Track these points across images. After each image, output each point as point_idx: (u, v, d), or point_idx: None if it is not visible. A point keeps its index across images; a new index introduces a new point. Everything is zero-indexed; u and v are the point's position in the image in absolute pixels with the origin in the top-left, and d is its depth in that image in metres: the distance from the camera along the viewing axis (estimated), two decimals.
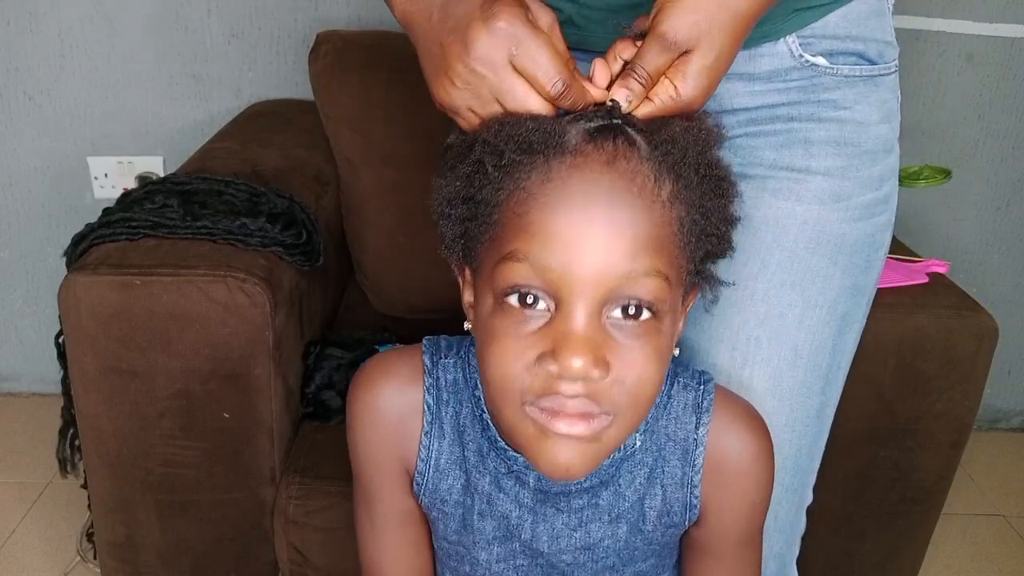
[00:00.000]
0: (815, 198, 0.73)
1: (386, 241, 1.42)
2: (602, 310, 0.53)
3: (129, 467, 1.05)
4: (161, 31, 1.62)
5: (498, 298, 0.55)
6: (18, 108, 1.65)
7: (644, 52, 0.56)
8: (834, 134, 0.73)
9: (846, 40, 0.72)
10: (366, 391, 0.68)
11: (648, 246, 0.53)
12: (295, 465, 1.10)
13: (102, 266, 0.98)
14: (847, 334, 0.78)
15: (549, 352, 0.53)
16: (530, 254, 0.53)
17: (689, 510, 0.67)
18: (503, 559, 0.69)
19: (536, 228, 0.53)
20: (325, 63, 1.40)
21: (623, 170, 0.53)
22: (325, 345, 1.18)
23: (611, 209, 0.52)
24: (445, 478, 0.67)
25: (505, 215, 0.55)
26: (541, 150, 0.54)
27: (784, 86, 0.72)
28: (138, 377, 0.99)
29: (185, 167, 1.27)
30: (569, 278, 0.52)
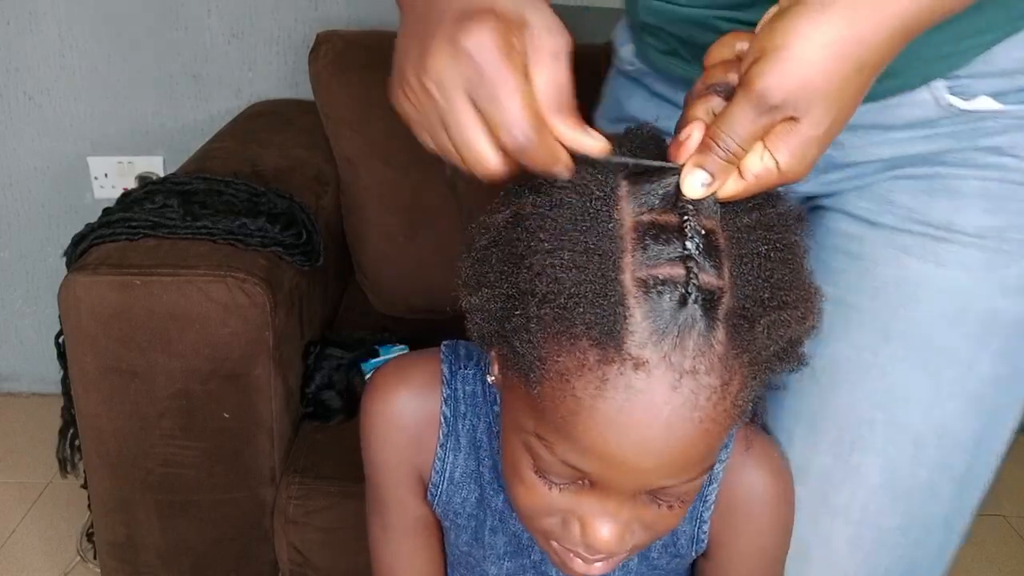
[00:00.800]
0: (960, 263, 0.60)
1: (386, 241, 1.42)
2: (638, 496, 0.50)
3: (129, 467, 1.05)
4: (161, 31, 1.62)
5: (529, 454, 0.50)
6: (18, 108, 1.65)
7: (734, 116, 0.43)
8: (993, 186, 0.59)
9: (1017, 76, 0.57)
10: (383, 397, 0.65)
11: (702, 458, 0.47)
12: (295, 465, 1.10)
13: (102, 266, 0.98)
14: (994, 432, 0.64)
15: (576, 522, 0.50)
16: (569, 455, 0.47)
17: (696, 543, 0.65)
18: (513, 573, 0.68)
19: (583, 442, 0.46)
20: (325, 63, 1.40)
21: (691, 391, 0.43)
22: (325, 345, 1.18)
23: (669, 441, 0.45)
24: (459, 491, 0.66)
25: (545, 393, 0.46)
26: (590, 336, 0.43)
27: (931, 132, 0.59)
28: (138, 377, 0.99)
29: (185, 167, 1.27)
30: (607, 482, 0.48)
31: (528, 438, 0.49)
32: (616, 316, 0.42)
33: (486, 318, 0.49)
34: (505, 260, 0.47)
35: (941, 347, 0.61)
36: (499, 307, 0.47)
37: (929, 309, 0.61)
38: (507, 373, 0.50)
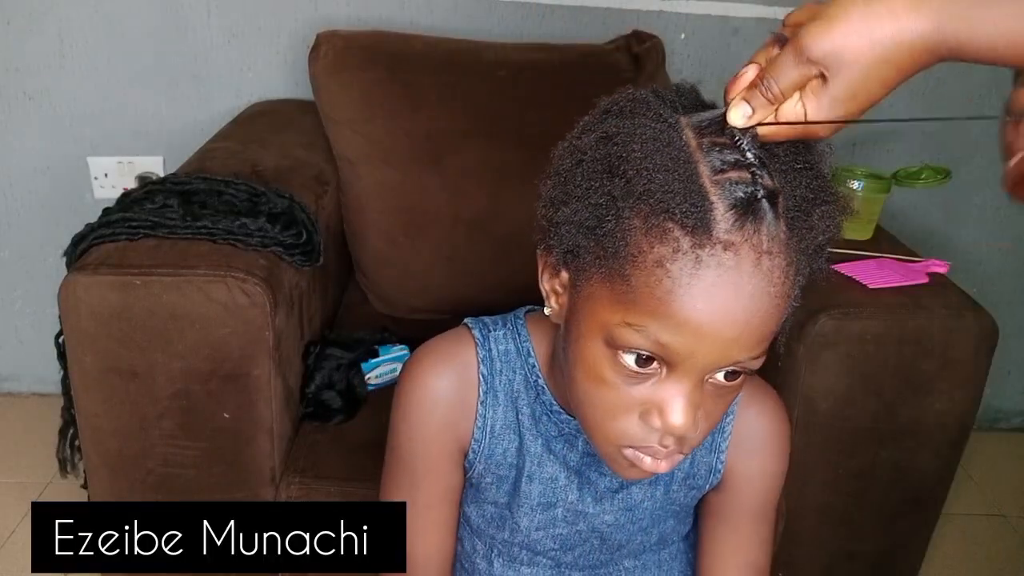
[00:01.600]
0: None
1: (386, 241, 1.42)
2: (709, 375, 0.56)
3: (129, 467, 1.05)
4: (161, 31, 1.62)
5: (611, 347, 0.56)
6: (18, 108, 1.65)
7: (779, 62, 0.52)
8: None
9: None
10: (420, 375, 0.70)
11: (769, 334, 0.55)
12: (295, 465, 1.10)
13: (102, 266, 0.98)
14: None
15: (655, 411, 0.56)
16: (659, 333, 0.53)
17: (712, 474, 0.72)
18: (543, 527, 0.73)
19: (675, 316, 0.52)
20: (325, 63, 1.40)
21: (768, 269, 0.52)
22: (325, 345, 1.18)
23: (751, 311, 0.52)
24: (500, 442, 0.71)
25: (639, 280, 0.53)
26: (683, 223, 0.51)
27: None
28: (138, 377, 0.99)
29: (185, 167, 1.27)
30: (691, 358, 0.54)
31: (615, 330, 0.54)
32: (704, 207, 0.51)
33: (574, 229, 0.56)
34: (595, 173, 0.55)
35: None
36: (589, 215, 0.55)
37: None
38: (585, 283, 0.57)
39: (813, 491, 1.18)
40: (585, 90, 0.63)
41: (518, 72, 1.45)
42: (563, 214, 0.56)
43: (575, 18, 1.65)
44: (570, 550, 0.75)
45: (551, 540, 0.74)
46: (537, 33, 1.65)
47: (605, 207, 0.54)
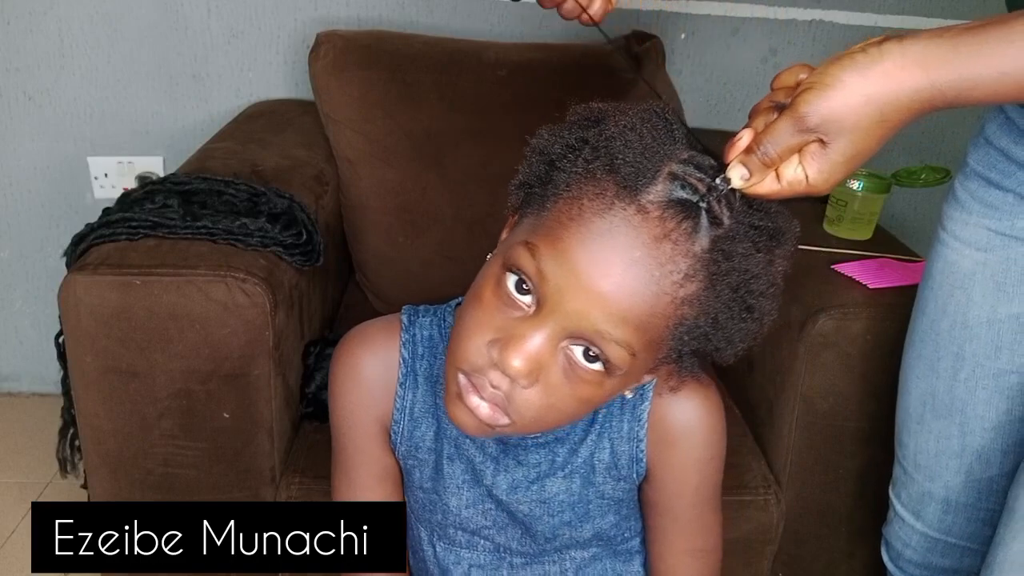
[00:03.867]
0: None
1: (386, 241, 1.42)
2: (565, 339, 0.57)
3: (129, 467, 1.05)
4: (161, 31, 1.62)
5: (503, 267, 0.58)
6: (18, 108, 1.65)
7: (777, 129, 0.54)
8: None
9: None
10: (347, 356, 0.74)
11: (635, 323, 0.55)
12: (295, 465, 1.10)
13: (102, 266, 0.98)
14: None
15: (501, 343, 0.57)
16: (543, 257, 0.56)
17: (636, 464, 0.72)
18: (472, 504, 0.74)
19: (562, 244, 0.55)
20: (325, 63, 1.40)
21: (662, 252, 0.54)
22: (325, 345, 1.18)
23: (627, 278, 0.54)
24: (419, 426, 0.73)
25: (556, 209, 0.57)
26: (620, 182, 0.55)
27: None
28: (138, 377, 0.99)
29: (185, 167, 1.27)
30: (557, 299, 0.56)
31: (512, 249, 0.58)
32: (647, 177, 0.54)
33: (541, 158, 0.60)
34: (583, 124, 0.59)
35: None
36: (559, 150, 0.59)
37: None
38: (519, 221, 0.61)
39: (813, 491, 1.18)
40: (585, 90, 0.64)
41: (518, 72, 1.45)
42: (540, 143, 0.61)
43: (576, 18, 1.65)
44: (502, 530, 0.76)
45: (482, 517, 0.75)
46: (537, 33, 1.65)
47: (575, 147, 0.58)
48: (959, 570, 0.94)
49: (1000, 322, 0.81)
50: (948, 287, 0.84)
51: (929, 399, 0.88)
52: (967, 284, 0.82)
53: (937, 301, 0.85)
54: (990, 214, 0.79)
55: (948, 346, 0.85)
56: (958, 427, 0.86)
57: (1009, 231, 0.78)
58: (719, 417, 0.73)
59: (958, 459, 0.88)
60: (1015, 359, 0.81)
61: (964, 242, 0.82)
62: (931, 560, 0.95)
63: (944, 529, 0.92)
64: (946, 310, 0.84)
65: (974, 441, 0.86)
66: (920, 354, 0.89)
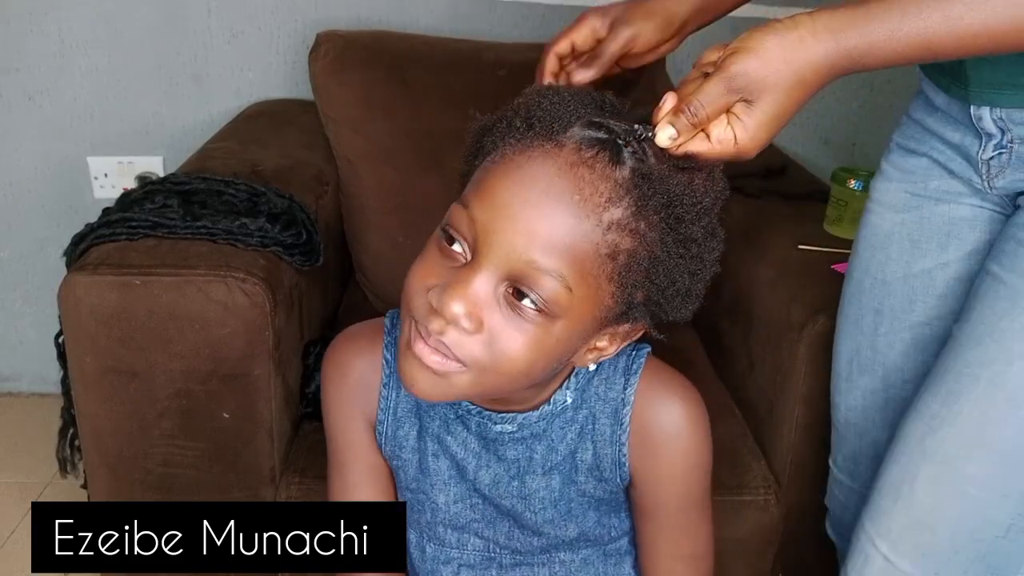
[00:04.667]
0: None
1: (386, 241, 1.42)
2: (502, 282, 0.58)
3: (129, 467, 1.05)
4: (161, 31, 1.62)
5: (442, 228, 0.61)
6: (18, 108, 1.65)
7: (707, 89, 0.58)
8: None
9: None
10: (334, 358, 0.76)
11: (562, 249, 0.56)
12: (295, 465, 1.10)
13: (102, 266, 0.98)
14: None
15: (440, 287, 0.59)
16: (470, 204, 0.59)
17: (619, 467, 0.73)
18: (460, 499, 0.75)
19: (486, 186, 0.59)
20: (325, 63, 1.40)
21: (580, 176, 0.56)
22: (325, 345, 1.18)
23: (546, 201, 0.56)
24: (402, 425, 0.74)
25: (482, 166, 0.61)
26: (536, 128, 0.58)
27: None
28: (138, 377, 0.99)
29: (185, 167, 1.27)
30: (486, 240, 0.58)
31: (450, 212, 0.61)
32: (563, 124, 0.58)
33: (474, 138, 0.65)
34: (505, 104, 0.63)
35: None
36: (488, 124, 0.63)
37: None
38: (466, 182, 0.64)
39: (813, 491, 1.18)
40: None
41: (518, 72, 1.45)
42: (471, 127, 0.66)
43: (575, 18, 1.65)
44: (491, 523, 0.76)
45: (471, 511, 0.75)
46: (537, 33, 1.65)
47: (500, 117, 0.62)
48: None
49: (914, 277, 0.86)
50: (871, 249, 0.90)
51: (855, 356, 0.92)
52: (886, 244, 0.88)
53: (862, 263, 0.91)
54: (907, 178, 0.86)
55: (870, 303, 0.90)
56: (881, 380, 0.90)
57: (923, 192, 0.84)
58: (703, 425, 0.73)
59: (883, 412, 0.91)
60: (927, 311, 0.86)
61: (886, 206, 0.88)
62: None
63: None
64: (868, 270, 0.90)
65: (896, 394, 0.90)
66: (847, 314, 0.93)
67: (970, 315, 0.75)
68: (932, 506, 0.74)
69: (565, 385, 0.71)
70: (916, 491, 0.75)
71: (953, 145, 0.81)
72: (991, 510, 0.72)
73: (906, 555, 0.75)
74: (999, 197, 0.80)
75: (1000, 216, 0.81)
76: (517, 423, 0.71)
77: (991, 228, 0.81)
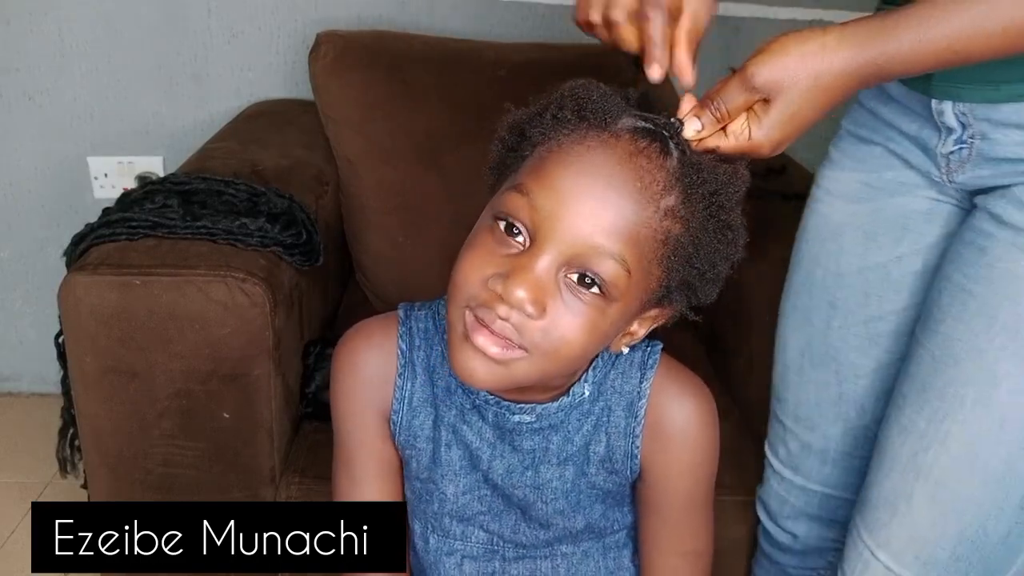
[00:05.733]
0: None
1: (386, 241, 1.42)
2: (563, 267, 0.59)
3: (129, 467, 1.05)
4: (161, 31, 1.62)
5: (496, 217, 0.61)
6: (18, 108, 1.65)
7: (726, 87, 0.61)
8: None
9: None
10: (347, 352, 0.75)
11: (625, 235, 0.59)
12: (295, 465, 1.10)
13: (102, 266, 0.98)
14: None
15: (503, 274, 0.59)
16: (531, 191, 0.60)
17: (631, 459, 0.73)
18: (469, 490, 0.75)
19: (546, 174, 0.60)
20: (325, 63, 1.40)
21: (639, 166, 0.59)
22: (325, 345, 1.18)
23: (610, 189, 0.58)
24: (417, 415, 0.74)
25: (535, 154, 0.62)
26: (590, 119, 0.60)
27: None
28: (138, 377, 0.99)
29: (185, 167, 1.27)
30: (550, 226, 0.59)
31: (501, 198, 0.62)
32: (613, 115, 0.60)
33: (511, 131, 0.66)
34: (543, 96, 0.65)
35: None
36: (527, 118, 0.64)
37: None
38: (507, 172, 0.65)
39: None
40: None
41: (518, 72, 1.45)
42: (506, 121, 0.66)
43: None
44: (497, 517, 0.76)
45: (478, 503, 0.76)
46: (537, 33, 1.65)
47: (541, 110, 0.63)
48: (834, 521, 0.98)
49: (869, 270, 0.86)
50: (821, 239, 0.89)
51: (807, 349, 0.92)
52: (839, 235, 0.87)
53: (811, 253, 0.90)
54: (860, 167, 0.85)
55: (822, 295, 0.89)
56: (834, 375, 0.90)
57: (877, 183, 0.84)
58: (714, 422, 0.74)
59: (835, 407, 0.92)
60: (883, 305, 0.86)
61: (837, 196, 0.88)
62: (810, 512, 0.98)
63: (822, 480, 0.96)
64: (819, 261, 0.89)
65: (850, 389, 0.90)
66: (796, 305, 0.93)
67: (940, 327, 0.75)
68: (931, 523, 0.75)
69: (583, 378, 0.72)
70: (914, 509, 0.76)
71: (910, 136, 0.80)
72: (989, 522, 0.73)
73: (908, 566, 0.76)
74: (957, 192, 0.79)
75: (957, 210, 0.81)
76: (536, 414, 0.71)
77: (947, 222, 0.81)
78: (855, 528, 0.81)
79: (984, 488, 0.72)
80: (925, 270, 0.83)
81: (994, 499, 0.72)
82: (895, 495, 0.77)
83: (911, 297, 0.84)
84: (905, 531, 0.76)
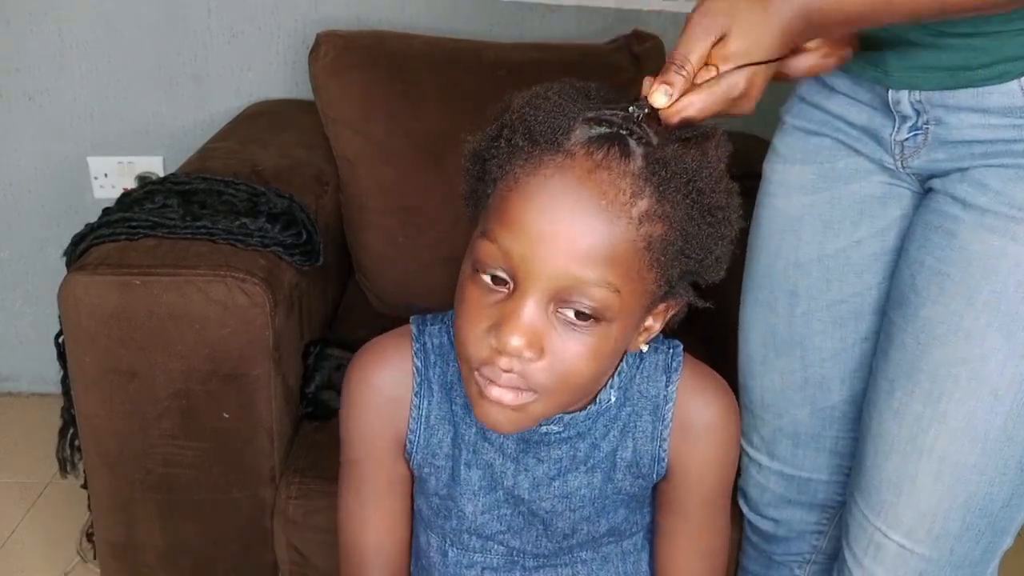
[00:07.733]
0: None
1: (386, 241, 1.42)
2: (550, 303, 0.58)
3: (129, 467, 1.05)
4: (161, 31, 1.62)
5: (474, 267, 0.61)
6: (18, 108, 1.65)
7: (682, 38, 0.60)
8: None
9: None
10: (360, 373, 0.74)
11: (604, 257, 0.57)
12: (295, 465, 1.10)
13: (102, 266, 0.98)
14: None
15: (496, 327, 0.59)
16: (499, 238, 0.58)
17: (657, 463, 0.73)
18: (488, 510, 0.74)
19: (509, 216, 0.58)
20: (325, 63, 1.40)
21: (600, 180, 0.56)
22: (325, 345, 1.18)
23: (576, 215, 0.56)
24: (435, 433, 0.73)
25: (496, 192, 0.60)
26: (540, 142, 0.57)
27: (1020, 122, 0.70)
28: (138, 377, 0.99)
29: (185, 167, 1.27)
30: (526, 268, 0.57)
31: (476, 248, 0.60)
32: (564, 129, 0.57)
33: (474, 160, 0.64)
34: (497, 114, 0.62)
35: (1014, 312, 0.71)
36: (484, 144, 0.62)
37: (1005, 279, 0.71)
38: (481, 202, 0.63)
39: None
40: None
41: (518, 72, 1.45)
42: (466, 149, 0.64)
43: (575, 18, 1.65)
44: (517, 534, 0.76)
45: (497, 522, 0.75)
46: (537, 33, 1.65)
47: (496, 134, 0.61)
48: (814, 504, 1.00)
49: (828, 257, 0.87)
50: (779, 232, 0.90)
51: (770, 339, 0.94)
52: (796, 226, 0.89)
53: (769, 247, 0.91)
54: (812, 159, 0.87)
55: (783, 285, 0.91)
56: (799, 360, 0.92)
57: (831, 173, 0.86)
58: (737, 420, 0.75)
59: (801, 391, 0.93)
60: (844, 289, 0.88)
61: (791, 188, 0.89)
62: (789, 498, 1.00)
63: (796, 463, 0.98)
64: (779, 252, 0.90)
65: (815, 372, 0.92)
66: (758, 298, 0.94)
67: (920, 312, 0.76)
68: (939, 499, 0.77)
69: (609, 384, 0.71)
70: (919, 488, 0.78)
71: (859, 127, 0.82)
72: (994, 488, 0.76)
73: (921, 541, 0.79)
74: (910, 177, 0.81)
75: (911, 193, 0.83)
76: (564, 423, 0.70)
77: (902, 204, 0.83)
78: (858, 511, 0.83)
79: (985, 458, 0.75)
80: (883, 251, 0.85)
81: (996, 467, 0.75)
82: (899, 476, 0.79)
83: (872, 277, 0.86)
84: (913, 509, 0.78)
